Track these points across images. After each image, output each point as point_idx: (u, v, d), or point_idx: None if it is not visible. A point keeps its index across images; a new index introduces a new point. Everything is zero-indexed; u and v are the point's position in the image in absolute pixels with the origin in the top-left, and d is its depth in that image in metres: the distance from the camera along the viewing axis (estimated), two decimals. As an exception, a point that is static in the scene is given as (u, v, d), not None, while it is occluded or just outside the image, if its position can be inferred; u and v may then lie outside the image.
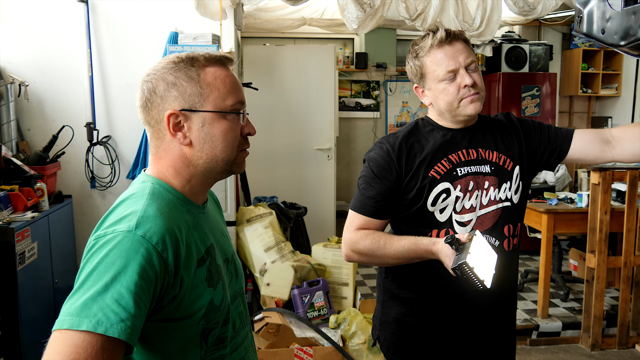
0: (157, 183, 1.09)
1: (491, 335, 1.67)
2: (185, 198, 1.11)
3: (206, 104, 1.08)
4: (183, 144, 1.09)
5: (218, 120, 1.09)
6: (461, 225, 1.57)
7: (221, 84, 1.10)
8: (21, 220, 2.89)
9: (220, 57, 1.12)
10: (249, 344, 1.22)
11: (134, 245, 0.93)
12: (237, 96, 1.11)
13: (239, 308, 1.20)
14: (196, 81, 1.08)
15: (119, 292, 0.89)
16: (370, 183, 1.58)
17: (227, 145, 1.10)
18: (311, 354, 3.07)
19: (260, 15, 5.27)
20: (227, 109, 1.09)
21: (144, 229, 0.96)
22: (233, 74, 1.14)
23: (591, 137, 1.62)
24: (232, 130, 1.11)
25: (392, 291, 1.68)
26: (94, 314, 0.86)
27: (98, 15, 3.78)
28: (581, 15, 0.99)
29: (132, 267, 0.91)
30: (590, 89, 6.03)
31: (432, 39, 1.54)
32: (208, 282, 1.06)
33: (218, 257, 1.13)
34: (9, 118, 3.61)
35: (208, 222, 1.16)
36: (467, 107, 1.54)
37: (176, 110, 1.07)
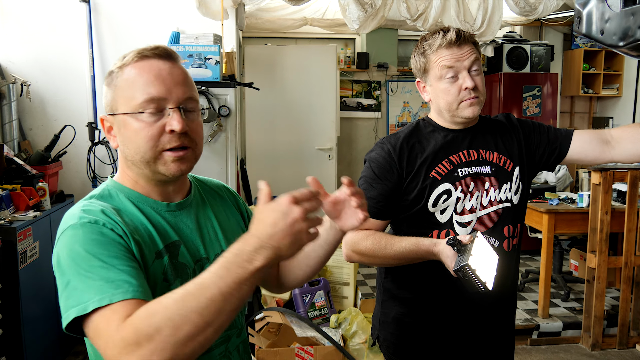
0: (112, 185, 1.13)
1: (490, 336, 1.67)
2: (140, 196, 1.12)
3: (120, 106, 1.07)
4: (113, 146, 1.12)
5: (130, 121, 1.06)
6: (461, 226, 1.58)
7: (132, 82, 1.06)
8: (23, 219, 2.90)
9: (145, 51, 1.08)
10: (232, 349, 1.18)
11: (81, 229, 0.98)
12: (148, 92, 1.04)
13: None
14: (114, 85, 1.09)
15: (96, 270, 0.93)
16: (371, 183, 1.59)
17: (139, 146, 1.05)
18: (312, 353, 3.07)
19: (262, 15, 5.28)
20: (136, 109, 1.04)
21: (86, 218, 1.00)
22: (159, 66, 1.07)
23: (590, 137, 1.62)
24: (144, 130, 1.04)
25: (391, 291, 1.69)
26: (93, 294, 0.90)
27: (100, 15, 3.79)
28: (580, 16, 1.00)
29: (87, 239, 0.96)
30: (591, 90, 6.03)
31: (442, 38, 1.54)
32: (164, 277, 1.05)
33: (184, 255, 1.10)
34: (11, 117, 3.62)
35: (178, 219, 1.14)
36: (465, 109, 1.54)
37: (104, 115, 1.12)
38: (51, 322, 3.15)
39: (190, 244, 1.12)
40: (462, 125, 1.61)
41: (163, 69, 1.06)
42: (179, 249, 1.09)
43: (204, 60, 3.29)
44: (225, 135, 3.40)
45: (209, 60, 3.29)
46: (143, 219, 1.08)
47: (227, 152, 3.41)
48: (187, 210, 1.16)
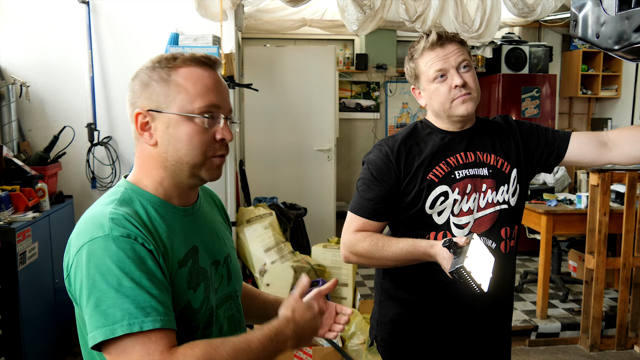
0: (130, 188, 1.10)
1: (487, 337, 1.68)
2: (160, 201, 1.10)
3: (172, 105, 1.06)
4: (149, 143, 1.08)
5: (183, 123, 1.06)
6: (459, 227, 1.58)
7: (191, 85, 1.06)
8: (22, 220, 2.90)
9: (202, 57, 1.09)
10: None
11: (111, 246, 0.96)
12: (209, 99, 1.07)
13: (230, 312, 1.19)
14: (166, 82, 1.07)
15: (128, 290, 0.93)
16: (369, 185, 1.59)
17: (192, 148, 1.06)
18: (310, 354, 3.08)
19: (261, 16, 5.29)
20: (194, 112, 1.06)
21: (117, 232, 0.98)
22: (214, 75, 1.10)
23: (588, 139, 1.63)
24: (199, 134, 1.06)
25: (389, 292, 1.69)
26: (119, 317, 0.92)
27: (99, 16, 3.80)
28: (576, 20, 1.01)
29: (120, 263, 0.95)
30: (590, 91, 6.04)
31: (425, 41, 1.57)
32: (188, 285, 1.06)
33: (203, 259, 1.12)
34: (10, 119, 3.63)
35: (194, 224, 1.15)
36: (458, 107, 1.55)
37: (143, 110, 1.07)
38: (50, 322, 3.16)
39: (206, 246, 1.14)
40: (460, 125, 1.62)
41: (217, 79, 1.10)
42: (199, 253, 1.11)
43: (203, 62, 3.29)
44: (224, 136, 3.40)
45: (208, 62, 3.29)
46: (165, 226, 1.07)
47: (226, 153, 3.41)
48: (199, 214, 1.18)
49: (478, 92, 1.58)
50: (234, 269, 1.23)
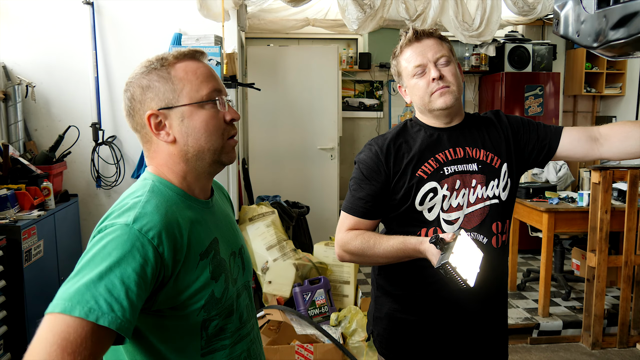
0: (157, 180, 1.13)
1: (482, 331, 1.69)
2: (185, 194, 1.14)
3: (181, 98, 1.10)
4: (167, 141, 1.12)
5: (196, 112, 1.11)
6: (449, 223, 1.60)
7: (192, 76, 1.11)
8: (28, 218, 2.95)
9: (189, 51, 1.15)
10: (254, 336, 1.25)
11: (130, 238, 0.97)
12: (212, 85, 1.13)
13: (247, 301, 1.23)
14: (167, 79, 1.11)
15: (112, 282, 0.92)
16: (360, 184, 1.62)
17: (211, 134, 1.11)
18: (312, 350, 3.10)
19: (265, 16, 5.32)
20: (202, 99, 1.11)
21: (141, 223, 1.00)
22: (206, 65, 1.16)
23: (579, 135, 1.65)
24: (213, 119, 1.12)
25: (384, 288, 1.72)
26: (86, 301, 0.90)
27: (103, 17, 3.84)
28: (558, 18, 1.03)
29: (127, 259, 0.95)
30: (594, 89, 6.03)
31: (403, 39, 1.62)
32: (211, 275, 1.09)
33: (222, 251, 1.15)
34: (16, 118, 3.68)
35: (213, 217, 1.18)
36: (437, 100, 1.58)
37: (154, 110, 1.10)
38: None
39: (224, 238, 1.18)
40: (447, 120, 1.64)
41: (209, 67, 1.16)
42: (219, 244, 1.15)
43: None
44: (226, 135, 3.43)
45: (210, 61, 3.33)
46: (190, 219, 1.09)
47: (229, 152, 3.45)
48: (215, 207, 1.22)
49: (458, 86, 1.60)
50: (247, 260, 1.28)
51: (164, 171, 1.14)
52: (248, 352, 1.20)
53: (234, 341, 1.16)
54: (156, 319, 1.05)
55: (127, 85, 1.14)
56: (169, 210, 1.06)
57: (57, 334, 0.87)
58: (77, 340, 0.88)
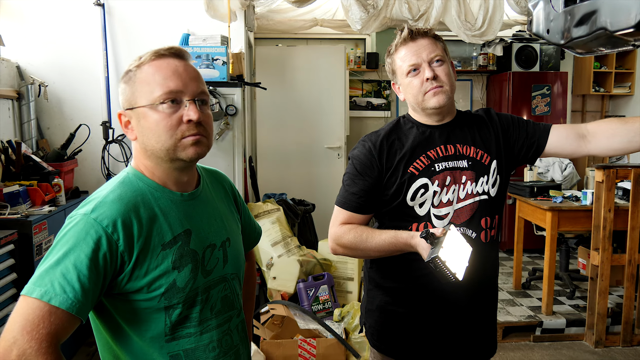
0: (132, 173, 1.21)
1: (470, 324, 1.73)
2: (157, 185, 1.20)
3: (139, 100, 1.16)
4: (131, 138, 1.21)
5: (149, 113, 1.15)
6: (439, 218, 1.64)
7: (151, 78, 1.15)
8: (39, 213, 3.04)
9: (161, 50, 1.18)
10: (232, 327, 1.28)
11: (85, 226, 1.07)
12: (167, 86, 1.14)
13: (223, 292, 1.26)
14: (132, 81, 1.17)
15: (66, 267, 1.03)
16: (353, 180, 1.67)
17: (160, 135, 1.15)
18: (315, 345, 3.15)
19: (273, 16, 5.38)
20: (155, 101, 1.14)
21: (97, 212, 1.09)
22: (175, 63, 1.17)
23: (567, 132, 1.68)
24: (163, 120, 1.14)
25: (376, 280, 1.76)
26: (44, 284, 1.01)
27: (114, 18, 3.93)
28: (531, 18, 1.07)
29: (80, 246, 1.05)
30: (602, 88, 6.01)
31: (398, 37, 1.65)
32: (173, 265, 1.14)
33: (194, 242, 1.20)
34: (29, 117, 3.78)
35: (190, 208, 1.23)
36: (430, 99, 1.61)
37: (121, 110, 1.20)
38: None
39: (200, 231, 1.22)
40: (438, 118, 1.68)
41: (178, 65, 1.17)
42: (191, 237, 1.19)
43: (212, 61, 3.40)
44: (232, 133, 3.50)
45: (216, 61, 3.40)
46: (156, 210, 1.16)
47: (234, 150, 3.52)
48: (199, 200, 1.26)
49: (451, 85, 1.64)
50: (233, 253, 1.30)
51: (139, 164, 1.22)
52: (219, 342, 1.24)
53: (201, 330, 1.20)
54: (123, 303, 1.13)
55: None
56: (132, 201, 1.14)
57: (20, 314, 1.01)
58: (35, 320, 0.99)
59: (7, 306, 2.73)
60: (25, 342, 0.97)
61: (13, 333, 0.98)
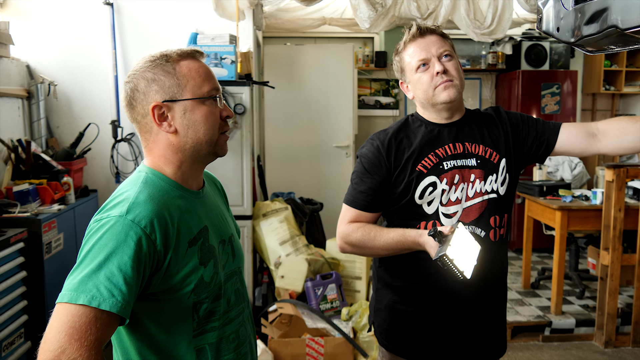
0: (150, 172, 1.20)
1: (479, 323, 1.72)
2: (177, 184, 1.21)
3: (185, 93, 1.18)
4: (169, 132, 1.19)
5: (198, 107, 1.19)
6: (447, 217, 1.64)
7: (196, 74, 1.20)
8: (48, 212, 3.06)
9: (191, 51, 1.23)
10: (245, 318, 1.33)
11: (124, 228, 1.06)
12: (212, 83, 1.22)
13: (235, 286, 1.30)
14: (173, 74, 1.18)
15: (111, 270, 1.02)
16: (361, 178, 1.67)
17: (209, 128, 1.20)
18: (322, 344, 3.16)
19: (282, 15, 5.37)
20: (204, 95, 1.19)
21: (134, 213, 1.08)
22: (205, 64, 1.25)
23: (577, 131, 1.67)
24: (212, 114, 1.21)
25: (385, 279, 1.76)
26: (89, 289, 1.00)
27: (123, 18, 3.95)
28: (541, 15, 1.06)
29: (122, 248, 1.04)
30: (613, 87, 5.96)
31: (407, 34, 1.66)
32: (199, 261, 1.16)
33: (212, 238, 1.22)
34: (39, 116, 3.80)
35: (203, 206, 1.26)
36: (441, 94, 1.61)
37: (159, 102, 1.18)
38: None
39: (214, 226, 1.26)
40: (447, 115, 1.68)
41: (208, 67, 1.26)
42: (209, 233, 1.22)
43: (220, 60, 3.40)
44: (240, 132, 3.51)
45: (224, 60, 3.41)
46: (181, 207, 1.18)
47: (243, 149, 3.52)
48: (207, 197, 1.30)
49: (461, 80, 1.64)
50: (237, 248, 1.35)
51: (161, 162, 1.21)
52: (237, 334, 1.28)
53: (222, 323, 1.24)
54: (152, 303, 1.13)
55: (129, 77, 1.21)
56: (161, 200, 1.14)
57: (64, 323, 0.97)
58: (83, 327, 0.97)
59: (17, 303, 2.75)
60: (74, 351, 0.95)
61: (60, 342, 0.95)
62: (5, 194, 3.09)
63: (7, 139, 3.36)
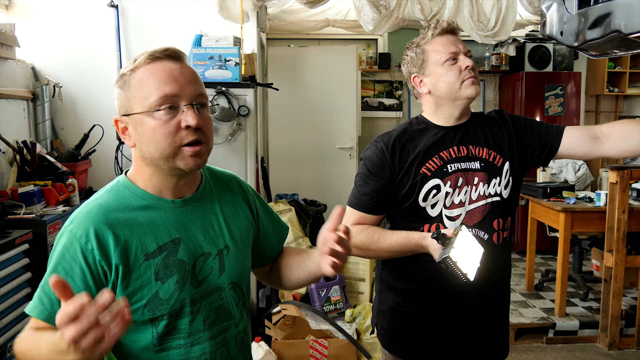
0: (122, 181, 1.19)
1: (482, 325, 1.73)
2: (147, 194, 1.16)
3: (135, 106, 1.11)
4: (129, 145, 1.16)
5: (146, 119, 1.10)
6: (450, 219, 1.64)
7: (145, 83, 1.10)
8: (53, 213, 3.07)
9: (156, 52, 1.14)
10: (230, 338, 1.23)
11: (64, 239, 1.10)
12: (163, 91, 1.09)
13: (218, 303, 1.20)
14: (127, 86, 1.12)
15: (46, 279, 1.07)
16: (365, 180, 1.67)
17: (159, 143, 1.10)
18: (326, 345, 3.16)
19: (285, 17, 5.39)
20: (151, 108, 1.09)
21: (74, 224, 1.11)
22: (170, 66, 1.12)
23: (581, 134, 1.68)
24: (161, 127, 1.09)
25: (387, 282, 1.76)
26: (34, 299, 1.09)
27: (127, 19, 3.96)
28: (545, 19, 1.07)
29: (60, 259, 1.09)
30: (617, 88, 5.96)
31: (434, 29, 1.67)
32: (155, 276, 1.11)
33: (182, 252, 1.15)
34: (44, 117, 3.82)
35: (183, 216, 1.18)
36: (468, 88, 1.63)
37: (117, 117, 1.16)
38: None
39: (192, 239, 1.17)
40: (458, 115, 1.68)
41: (174, 68, 1.12)
42: (179, 246, 1.15)
43: (224, 62, 3.41)
44: (244, 134, 3.52)
45: (228, 62, 3.42)
46: (140, 219, 1.13)
47: (247, 151, 3.53)
48: (194, 205, 1.21)
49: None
50: (230, 262, 1.23)
51: (136, 173, 1.18)
52: (212, 355, 1.19)
53: (191, 342, 1.17)
54: None
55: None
56: (113, 210, 1.13)
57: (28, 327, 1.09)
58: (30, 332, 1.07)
59: (22, 304, 2.76)
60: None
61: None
62: (11, 195, 3.10)
63: (12, 140, 3.38)
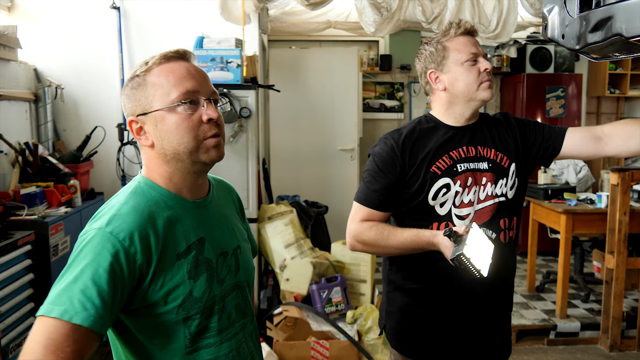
0: (143, 181, 1.18)
1: (488, 323, 1.75)
2: (170, 194, 1.17)
3: (154, 104, 1.13)
4: (146, 145, 1.16)
5: (167, 116, 1.12)
6: (460, 218, 1.66)
7: (164, 80, 1.13)
8: (55, 215, 3.08)
9: (169, 53, 1.17)
10: (247, 335, 1.27)
11: (102, 241, 1.04)
12: (184, 87, 1.13)
13: (236, 300, 1.24)
14: (143, 86, 1.14)
15: (85, 283, 1.00)
16: (374, 177, 1.68)
17: (182, 136, 1.12)
18: (327, 347, 3.16)
19: (287, 19, 5.40)
20: (172, 103, 1.12)
21: (113, 225, 1.06)
22: (185, 65, 1.16)
23: (583, 134, 1.69)
24: (185, 120, 1.13)
25: (396, 283, 1.77)
26: (63, 302, 0.99)
27: (129, 21, 3.98)
28: (546, 22, 1.07)
29: (98, 261, 1.02)
30: (618, 90, 5.97)
31: (457, 28, 1.68)
32: (188, 275, 1.12)
33: (208, 251, 1.18)
34: (46, 119, 3.83)
35: (203, 216, 1.21)
36: (485, 91, 1.65)
37: (133, 117, 1.16)
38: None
39: (213, 239, 1.20)
40: (472, 114, 1.70)
41: (189, 66, 1.17)
42: (205, 245, 1.17)
43: (226, 64, 3.42)
44: (246, 135, 3.52)
45: (230, 64, 3.42)
46: (171, 219, 1.14)
47: (248, 152, 3.53)
48: (210, 207, 1.24)
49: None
50: (244, 261, 1.29)
51: (152, 173, 1.19)
52: (237, 351, 1.22)
53: (220, 340, 1.19)
54: (139, 318, 1.11)
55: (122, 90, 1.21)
56: (146, 212, 1.11)
57: (41, 334, 0.97)
58: (59, 339, 0.96)
59: (24, 305, 2.77)
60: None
61: (36, 354, 0.95)
62: (13, 197, 3.11)
63: (14, 142, 3.39)
